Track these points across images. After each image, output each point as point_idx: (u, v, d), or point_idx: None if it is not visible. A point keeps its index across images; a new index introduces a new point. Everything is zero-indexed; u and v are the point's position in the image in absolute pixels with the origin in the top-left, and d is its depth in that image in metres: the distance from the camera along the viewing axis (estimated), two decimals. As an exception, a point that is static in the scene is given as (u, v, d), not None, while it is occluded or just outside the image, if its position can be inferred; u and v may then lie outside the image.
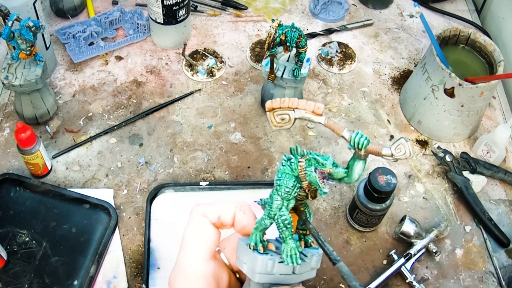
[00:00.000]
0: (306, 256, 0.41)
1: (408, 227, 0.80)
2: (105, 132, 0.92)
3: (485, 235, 0.84)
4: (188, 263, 0.42)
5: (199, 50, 1.05)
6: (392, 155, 0.41)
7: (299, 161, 0.40)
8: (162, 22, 0.99)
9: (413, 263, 0.79)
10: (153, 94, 0.98)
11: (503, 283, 0.80)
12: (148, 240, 0.79)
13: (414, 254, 0.79)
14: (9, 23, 0.78)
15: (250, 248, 0.41)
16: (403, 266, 0.78)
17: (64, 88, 0.98)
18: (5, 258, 0.75)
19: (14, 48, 0.82)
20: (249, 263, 0.40)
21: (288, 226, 0.40)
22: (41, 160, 0.83)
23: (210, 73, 1.01)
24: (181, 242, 0.44)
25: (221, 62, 1.03)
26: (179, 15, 0.99)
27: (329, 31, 1.10)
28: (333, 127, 0.41)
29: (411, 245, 0.80)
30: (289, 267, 0.40)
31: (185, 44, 0.98)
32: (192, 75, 1.01)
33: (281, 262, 0.40)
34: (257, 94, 0.99)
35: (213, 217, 0.44)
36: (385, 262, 0.81)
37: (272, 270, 0.40)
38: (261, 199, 0.45)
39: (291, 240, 0.40)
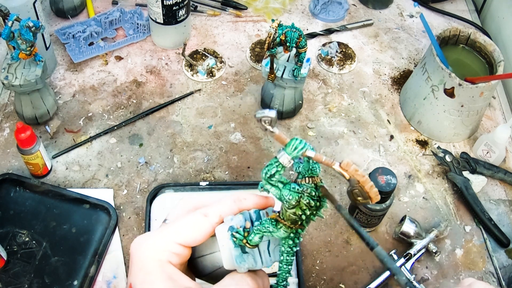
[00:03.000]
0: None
1: (408, 227, 0.80)
2: (105, 132, 0.92)
3: (485, 235, 0.84)
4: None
5: (199, 50, 1.05)
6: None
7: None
8: (162, 22, 0.99)
9: (413, 263, 0.79)
10: (153, 94, 0.98)
11: (503, 283, 0.80)
12: (148, 240, 0.79)
13: (414, 254, 0.79)
14: (9, 23, 0.78)
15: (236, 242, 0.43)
16: (403, 266, 0.78)
17: (64, 88, 0.98)
18: (5, 258, 0.75)
19: (14, 48, 0.83)
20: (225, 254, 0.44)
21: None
22: (41, 160, 0.83)
23: (210, 73, 1.01)
24: (168, 223, 0.45)
25: (221, 62, 1.03)
26: (179, 15, 0.99)
27: (329, 31, 1.10)
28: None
29: (411, 245, 0.80)
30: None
31: (185, 44, 0.98)
32: (192, 75, 1.01)
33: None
34: (257, 94, 0.99)
35: (215, 218, 0.44)
36: (385, 262, 0.81)
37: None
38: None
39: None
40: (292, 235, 0.43)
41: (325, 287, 0.78)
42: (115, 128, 0.93)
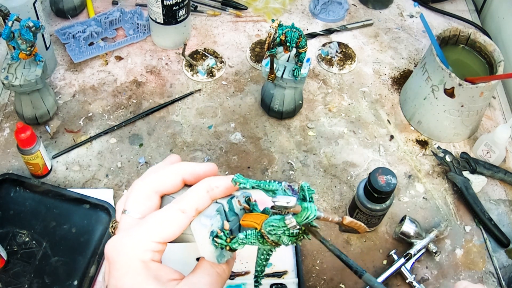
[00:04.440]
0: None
1: (408, 227, 0.80)
2: (105, 132, 0.92)
3: (485, 235, 0.84)
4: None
5: (199, 50, 1.05)
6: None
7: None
8: (162, 22, 0.99)
9: (413, 263, 0.79)
10: (153, 94, 0.98)
11: (503, 283, 0.80)
12: (148, 240, 0.79)
13: (414, 254, 0.79)
14: (9, 23, 0.78)
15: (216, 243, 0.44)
16: (403, 266, 0.78)
17: (64, 88, 0.98)
18: (5, 258, 0.75)
19: (14, 48, 0.83)
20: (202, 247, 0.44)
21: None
22: (41, 160, 0.83)
23: (210, 73, 1.01)
24: (144, 221, 0.44)
25: (221, 62, 1.03)
26: (179, 15, 0.99)
27: (329, 31, 1.10)
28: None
29: (411, 245, 0.80)
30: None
31: (185, 44, 0.98)
32: (192, 75, 1.01)
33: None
34: (257, 94, 0.99)
35: (191, 212, 0.44)
36: (385, 262, 0.81)
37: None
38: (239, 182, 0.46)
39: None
40: (274, 247, 0.45)
41: (325, 287, 0.78)
42: (115, 128, 0.93)
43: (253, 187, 0.45)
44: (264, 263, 0.48)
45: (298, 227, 0.41)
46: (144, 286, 0.42)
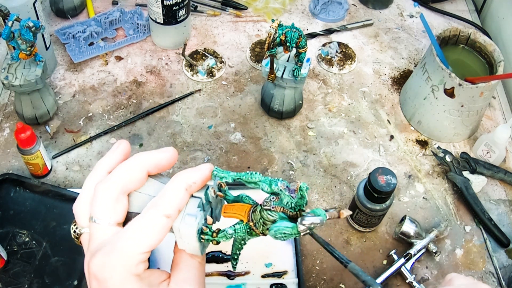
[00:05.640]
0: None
1: (408, 227, 0.80)
2: (105, 132, 0.92)
3: (485, 235, 0.85)
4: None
5: (199, 50, 1.05)
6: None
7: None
8: (162, 22, 0.99)
9: (413, 263, 0.79)
10: (153, 94, 0.98)
11: (503, 283, 0.80)
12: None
13: (414, 254, 0.79)
14: (9, 23, 0.78)
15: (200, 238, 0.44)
16: (403, 266, 0.78)
17: (64, 88, 0.98)
18: (5, 258, 0.75)
19: (14, 48, 0.82)
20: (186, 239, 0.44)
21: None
22: (41, 160, 0.83)
23: (210, 73, 1.01)
24: (126, 228, 0.42)
25: (221, 62, 1.04)
26: (179, 15, 0.99)
27: (329, 31, 1.10)
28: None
29: (411, 245, 0.80)
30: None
31: (185, 44, 0.98)
32: (192, 75, 1.01)
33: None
34: (257, 94, 0.99)
35: (175, 215, 0.42)
36: (385, 262, 0.81)
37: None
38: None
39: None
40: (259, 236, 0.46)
41: (325, 287, 0.78)
42: (115, 128, 0.93)
43: (234, 180, 0.44)
44: (243, 247, 0.49)
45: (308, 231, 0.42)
46: None
